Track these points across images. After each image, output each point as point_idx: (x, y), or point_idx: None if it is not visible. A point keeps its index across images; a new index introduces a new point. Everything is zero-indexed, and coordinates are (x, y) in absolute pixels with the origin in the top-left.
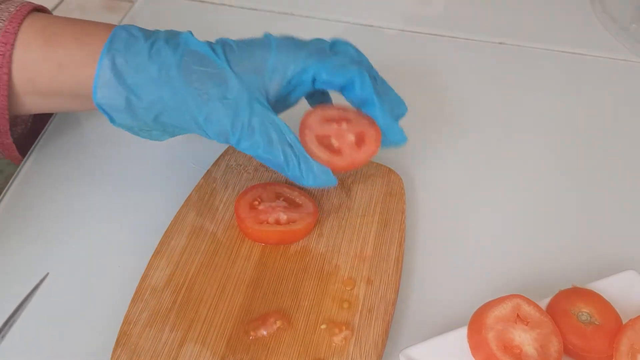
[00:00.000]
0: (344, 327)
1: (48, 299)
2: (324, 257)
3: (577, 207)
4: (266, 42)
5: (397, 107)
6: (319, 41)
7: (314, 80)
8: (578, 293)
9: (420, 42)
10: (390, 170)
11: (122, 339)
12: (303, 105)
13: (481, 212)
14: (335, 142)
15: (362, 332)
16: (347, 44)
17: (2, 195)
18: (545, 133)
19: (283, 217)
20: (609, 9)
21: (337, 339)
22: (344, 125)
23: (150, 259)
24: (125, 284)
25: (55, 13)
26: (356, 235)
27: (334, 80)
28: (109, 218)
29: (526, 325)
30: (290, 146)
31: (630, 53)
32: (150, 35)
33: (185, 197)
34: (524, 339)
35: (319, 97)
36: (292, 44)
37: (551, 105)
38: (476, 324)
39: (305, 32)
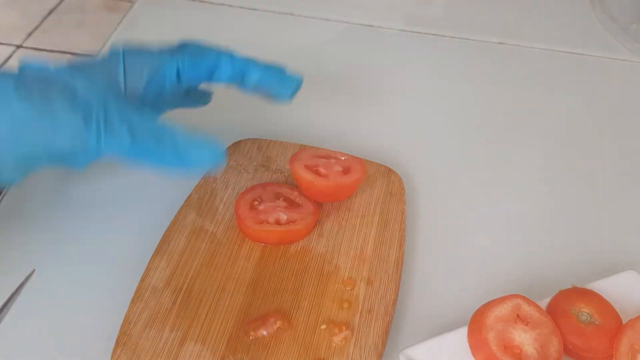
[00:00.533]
0: (344, 327)
1: (48, 299)
2: (324, 257)
3: (577, 207)
4: (113, 52)
5: (290, 79)
6: (165, 45)
7: (178, 75)
8: (578, 293)
9: (420, 42)
10: (390, 170)
11: (122, 339)
12: None
13: (481, 212)
14: (322, 170)
15: (362, 333)
16: (195, 40)
17: (1, 194)
18: (545, 133)
19: (283, 217)
20: (609, 9)
21: (337, 339)
22: (332, 160)
23: (150, 259)
24: (125, 284)
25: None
26: (356, 235)
27: (199, 65)
28: (109, 218)
29: (526, 325)
30: (162, 132)
31: (630, 53)
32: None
33: (185, 197)
34: (524, 339)
35: (196, 98)
36: (140, 51)
37: (551, 105)
38: (476, 324)
39: (306, 32)
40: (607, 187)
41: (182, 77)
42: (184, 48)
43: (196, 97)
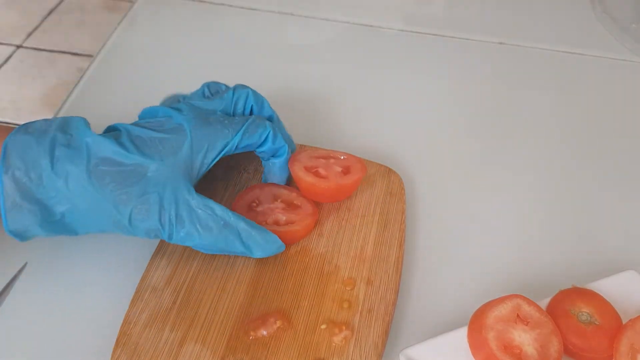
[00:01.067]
0: (344, 327)
1: (48, 300)
2: (324, 257)
3: (577, 207)
4: (179, 128)
5: (292, 144)
6: (222, 102)
7: (236, 147)
8: (578, 293)
9: (420, 42)
10: (390, 170)
11: (122, 339)
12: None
13: (481, 212)
14: (322, 171)
15: (362, 332)
16: (246, 90)
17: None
18: (545, 133)
19: (282, 218)
20: (609, 9)
21: (337, 339)
22: (332, 160)
23: (150, 259)
24: (125, 284)
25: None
26: (356, 235)
27: (250, 146)
28: None
29: (526, 325)
30: (229, 226)
31: (630, 53)
32: (44, 135)
33: None
34: (524, 339)
35: None
36: (205, 125)
37: (551, 105)
38: (476, 324)
39: (306, 32)
40: (607, 187)
41: (236, 152)
42: (243, 123)
43: None
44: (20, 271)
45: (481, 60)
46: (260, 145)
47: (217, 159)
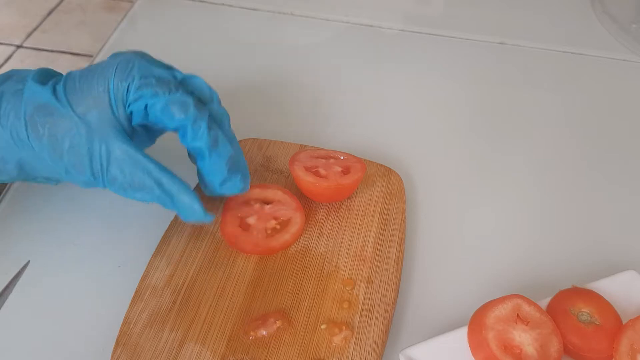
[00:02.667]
0: (344, 327)
1: (48, 299)
2: (324, 257)
3: (577, 207)
4: (109, 63)
5: (226, 146)
6: (168, 70)
7: (146, 112)
8: (578, 293)
9: (420, 42)
10: (390, 170)
11: (122, 339)
12: None
13: (481, 212)
14: (322, 171)
15: (362, 332)
16: (199, 79)
17: (2, 194)
18: (545, 133)
19: (272, 225)
20: (609, 9)
21: (337, 339)
22: (332, 160)
23: (150, 259)
24: (125, 284)
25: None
26: (356, 235)
27: (163, 120)
28: (109, 217)
29: (526, 325)
30: (159, 183)
31: (630, 53)
32: None
33: None
34: (524, 339)
35: (156, 133)
36: (134, 63)
37: (551, 105)
38: (476, 324)
39: (306, 32)
40: (607, 187)
41: (149, 117)
42: (174, 87)
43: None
44: (22, 269)
45: (481, 60)
46: (179, 131)
47: (133, 107)
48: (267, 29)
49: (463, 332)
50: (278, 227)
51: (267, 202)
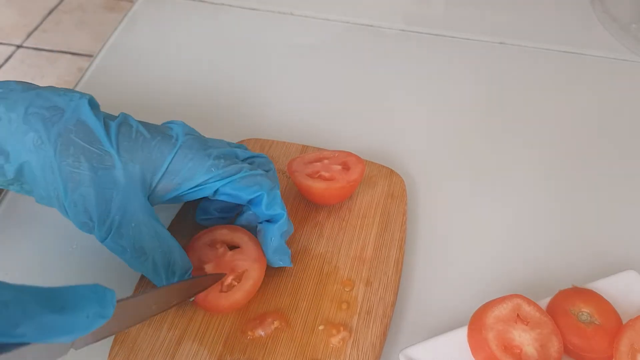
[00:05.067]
0: (341, 328)
1: None
2: (323, 257)
3: (577, 207)
4: (171, 136)
5: (288, 234)
6: (228, 147)
7: (215, 191)
8: (578, 293)
9: (420, 42)
10: (392, 171)
11: (120, 337)
12: None
13: (482, 213)
14: (325, 174)
15: (360, 334)
16: (259, 155)
17: (1, 195)
18: (545, 133)
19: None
20: (609, 9)
21: (335, 340)
22: (326, 161)
23: None
24: (125, 284)
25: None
26: (356, 236)
27: (240, 196)
28: None
29: (526, 325)
30: (163, 255)
31: (631, 53)
32: (30, 88)
33: None
34: (524, 339)
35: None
36: (199, 148)
37: (551, 105)
38: (476, 324)
39: (306, 32)
40: (607, 187)
41: (218, 195)
42: (238, 171)
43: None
44: None
45: (481, 60)
46: (252, 202)
47: (189, 194)
48: (267, 28)
49: (463, 332)
50: (235, 283)
51: (233, 246)
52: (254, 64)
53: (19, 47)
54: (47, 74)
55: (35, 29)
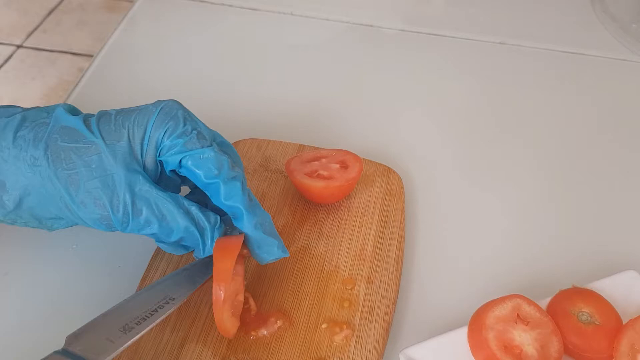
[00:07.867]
0: (344, 327)
1: (48, 297)
2: (324, 256)
3: (577, 207)
4: (151, 106)
5: (268, 224)
6: (209, 129)
7: (180, 164)
8: (578, 293)
9: (420, 42)
10: (389, 169)
11: None
12: None
13: (481, 212)
14: (324, 172)
15: (363, 331)
16: (230, 146)
17: None
18: (545, 133)
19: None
20: (609, 9)
21: (338, 338)
22: (323, 160)
23: (151, 259)
24: (125, 284)
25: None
26: (356, 234)
27: (196, 172)
28: None
29: (526, 325)
30: (190, 215)
31: (631, 53)
32: (13, 113)
33: None
34: (524, 339)
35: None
36: (177, 116)
37: (551, 105)
38: (476, 324)
39: (306, 32)
40: (607, 187)
41: (181, 169)
42: (208, 144)
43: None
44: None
45: (481, 60)
46: (209, 190)
47: (164, 155)
48: (267, 29)
49: (463, 332)
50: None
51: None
52: (253, 64)
53: (19, 47)
54: (47, 74)
55: (35, 29)
